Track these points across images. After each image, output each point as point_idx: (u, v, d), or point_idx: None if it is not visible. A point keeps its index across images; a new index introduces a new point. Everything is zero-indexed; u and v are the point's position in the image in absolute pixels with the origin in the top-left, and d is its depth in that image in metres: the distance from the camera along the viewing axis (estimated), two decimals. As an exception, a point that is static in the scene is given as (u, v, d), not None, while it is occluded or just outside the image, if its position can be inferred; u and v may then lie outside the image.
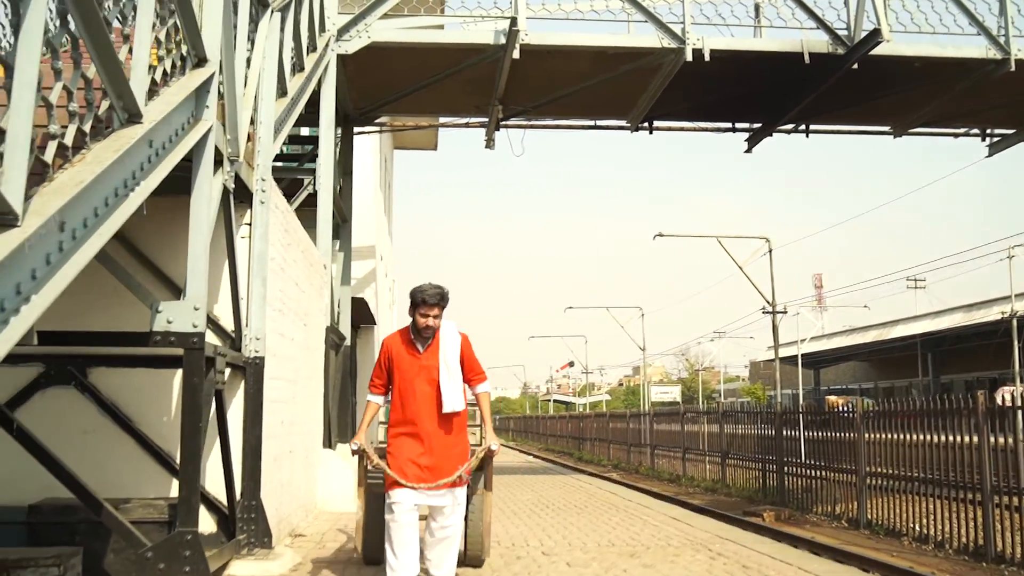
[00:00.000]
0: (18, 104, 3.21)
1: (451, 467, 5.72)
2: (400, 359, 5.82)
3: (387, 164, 25.21)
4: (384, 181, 24.46)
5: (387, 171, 25.39)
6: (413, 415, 5.74)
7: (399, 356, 5.84)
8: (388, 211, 26.78)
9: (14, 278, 3.24)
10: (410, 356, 5.82)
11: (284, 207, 8.91)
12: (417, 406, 5.73)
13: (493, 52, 13.21)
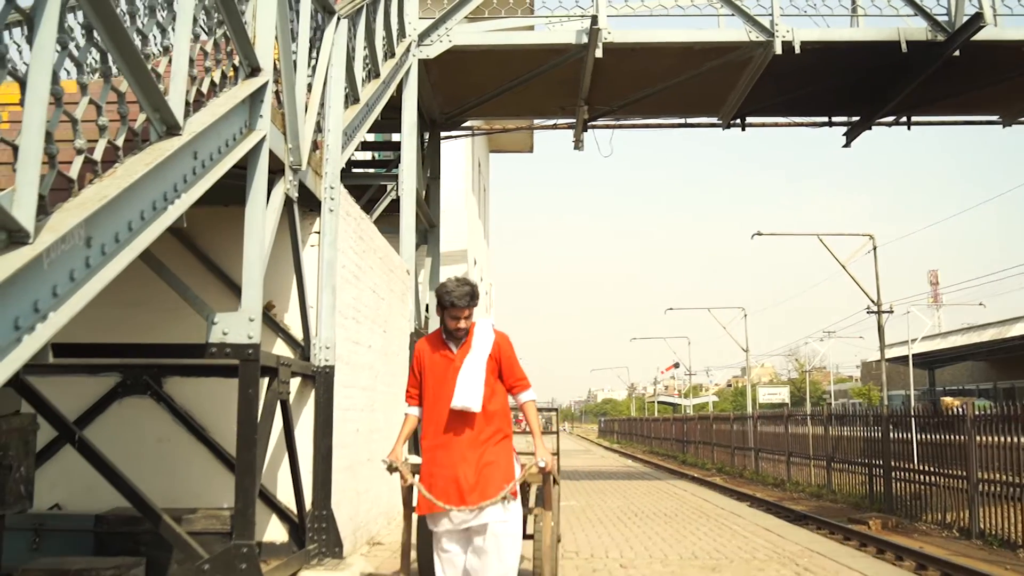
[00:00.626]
0: (30, 121, 3.18)
1: (494, 484, 4.96)
2: (433, 363, 5.19)
3: (481, 168, 25.22)
4: (478, 185, 24.47)
5: (481, 175, 25.40)
6: (447, 425, 5.05)
7: (431, 360, 5.20)
8: (483, 215, 26.80)
9: (31, 296, 3.22)
10: (443, 359, 5.17)
11: (357, 214, 8.89)
12: (451, 414, 5.04)
13: (575, 52, 13.00)
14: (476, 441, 5.02)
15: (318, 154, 7.77)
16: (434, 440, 5.07)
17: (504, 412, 5.19)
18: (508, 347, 5.25)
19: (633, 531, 10.29)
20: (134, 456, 7.56)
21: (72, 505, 7.33)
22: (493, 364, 5.13)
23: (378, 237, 10.11)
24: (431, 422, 5.11)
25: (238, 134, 5.48)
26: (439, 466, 5.01)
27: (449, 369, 5.09)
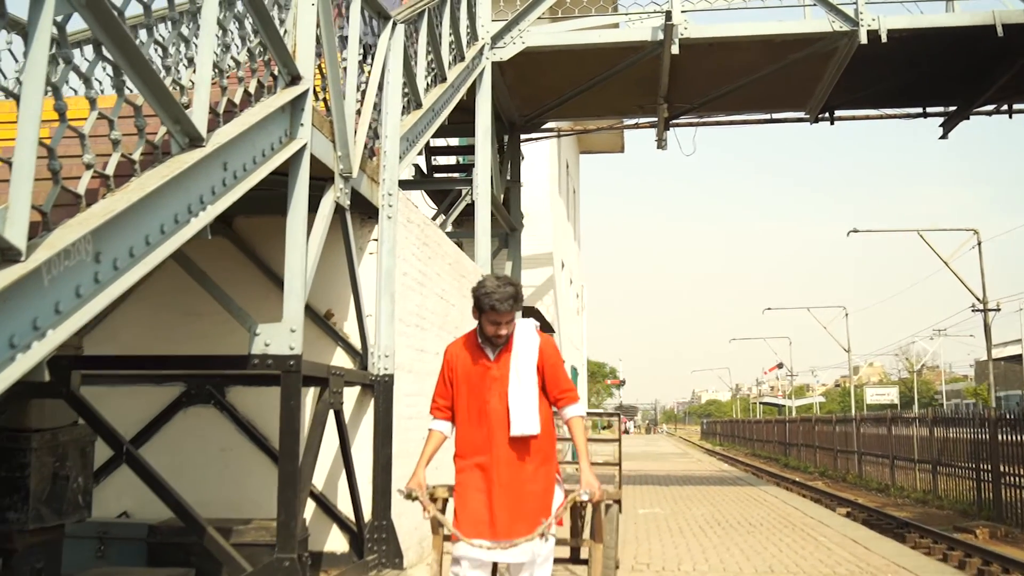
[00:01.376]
0: (23, 138, 3.16)
1: (531, 514, 4.26)
2: (466, 370, 4.44)
3: (569, 169, 25.02)
4: (566, 186, 24.28)
5: (570, 176, 25.20)
6: (484, 442, 4.33)
7: (465, 367, 4.45)
8: (573, 216, 26.60)
9: (29, 313, 3.19)
10: (478, 366, 4.42)
11: (420, 220, 8.82)
12: (489, 430, 4.32)
13: (651, 49, 12.72)
14: (514, 464, 4.32)
15: (375, 161, 7.72)
16: (468, 460, 4.38)
17: (548, 430, 4.42)
18: (553, 353, 4.51)
19: (712, 541, 9.98)
20: (198, 464, 7.66)
21: (139, 514, 7.43)
22: (539, 375, 4.41)
23: (446, 243, 10.03)
24: (465, 439, 4.42)
25: (277, 143, 5.44)
26: (472, 489, 4.33)
27: (486, 379, 4.38)
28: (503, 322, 4.33)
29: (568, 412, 4.50)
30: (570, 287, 24.36)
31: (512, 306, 4.32)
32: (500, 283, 4.33)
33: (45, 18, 3.21)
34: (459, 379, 4.47)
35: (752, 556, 8.91)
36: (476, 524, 4.25)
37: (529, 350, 4.41)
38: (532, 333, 4.50)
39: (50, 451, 5.94)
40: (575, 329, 25.90)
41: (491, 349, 4.43)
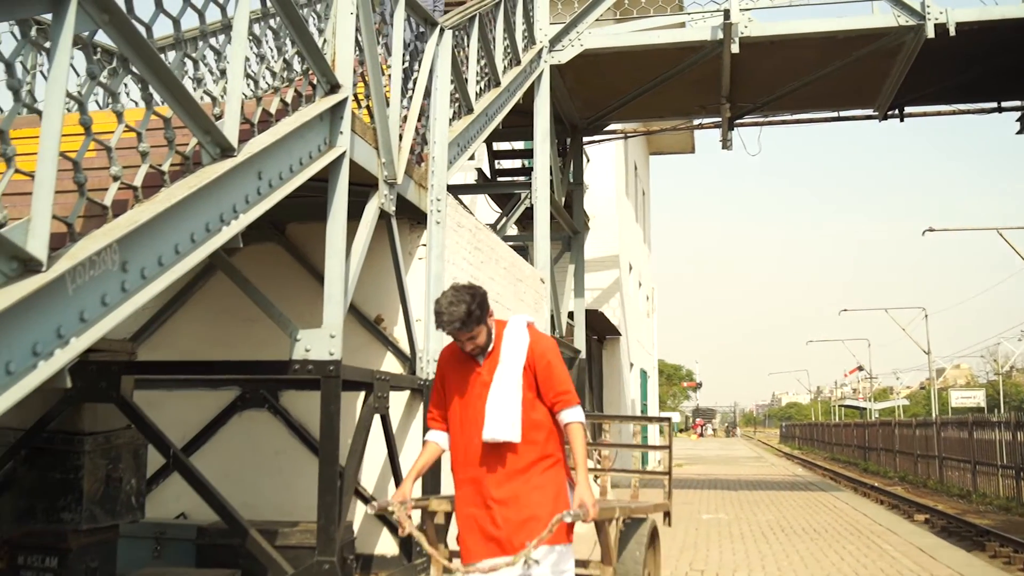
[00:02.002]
0: (44, 152, 3.26)
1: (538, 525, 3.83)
2: (456, 376, 4.14)
3: (638, 171, 24.88)
4: (634, 188, 24.15)
5: (639, 178, 25.05)
6: (476, 453, 4.00)
7: (455, 373, 4.15)
8: (643, 218, 26.43)
9: (52, 321, 3.29)
10: (468, 372, 4.11)
11: (472, 225, 8.86)
12: (480, 440, 3.99)
13: (711, 49, 12.58)
14: (515, 472, 3.95)
15: (423, 167, 7.77)
16: (464, 472, 4.08)
17: (551, 432, 4.05)
18: (546, 351, 4.07)
19: (772, 548, 9.82)
20: (252, 468, 7.80)
21: (196, 515, 7.59)
22: (529, 376, 4.01)
23: (500, 247, 10.05)
24: (459, 451, 4.11)
25: (315, 151, 5.51)
26: (470, 505, 4.04)
27: (477, 385, 4.05)
28: (464, 340, 4.02)
29: (564, 417, 4.04)
30: (639, 290, 24.20)
31: (462, 327, 3.93)
32: (453, 300, 3.94)
33: (65, 36, 3.31)
34: (450, 386, 4.18)
35: (811, 563, 8.74)
36: (479, 544, 3.96)
37: (518, 350, 4.04)
38: (522, 332, 4.13)
39: (103, 454, 6.11)
40: (645, 332, 25.72)
41: (480, 353, 4.10)
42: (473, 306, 3.92)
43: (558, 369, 4.08)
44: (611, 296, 19.50)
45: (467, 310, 3.89)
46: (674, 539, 10.53)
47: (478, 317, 3.94)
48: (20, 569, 5.94)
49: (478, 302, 3.96)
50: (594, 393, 18.65)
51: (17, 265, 3.14)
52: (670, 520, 6.44)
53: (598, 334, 19.11)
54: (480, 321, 3.96)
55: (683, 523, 12.14)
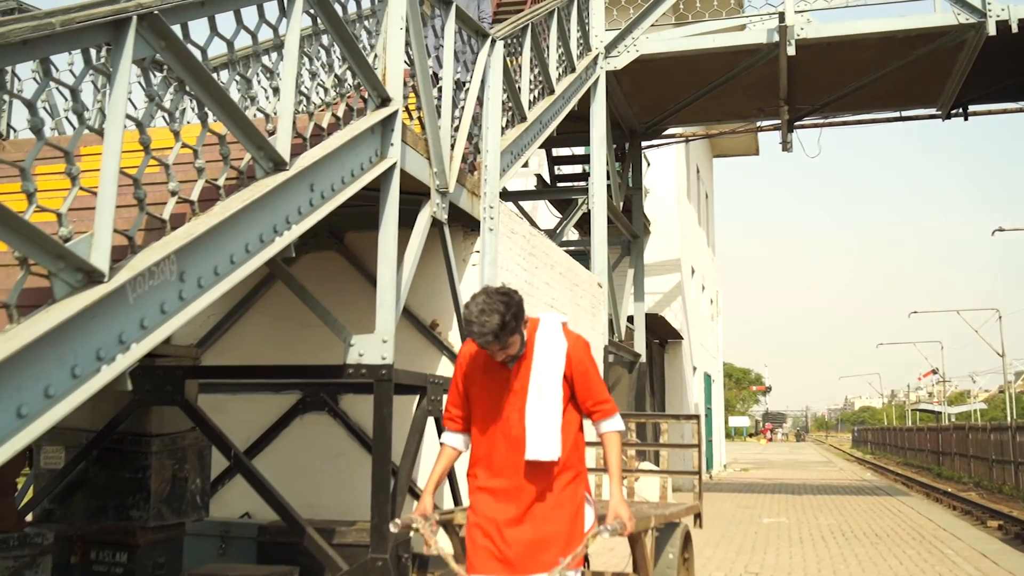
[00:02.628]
0: (105, 171, 3.49)
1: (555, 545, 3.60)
2: (484, 380, 3.78)
3: (700, 174, 24.80)
4: (697, 191, 24.09)
5: (701, 181, 24.98)
6: (501, 464, 3.69)
7: (483, 375, 3.79)
8: (706, 221, 26.33)
9: (115, 328, 3.53)
10: (495, 375, 3.76)
11: (525, 231, 9.01)
12: (507, 450, 3.67)
13: (767, 52, 12.57)
14: (538, 491, 3.67)
15: (476, 175, 7.95)
16: (483, 481, 3.75)
17: (576, 445, 3.78)
18: (584, 358, 3.77)
19: (830, 552, 9.78)
20: (313, 469, 8.05)
21: (260, 515, 7.85)
22: (565, 384, 3.71)
23: (556, 253, 10.19)
24: (480, 457, 3.77)
25: (367, 163, 5.71)
26: (483, 515, 3.71)
27: (504, 390, 3.72)
28: (497, 351, 3.63)
29: (604, 427, 3.79)
30: (702, 293, 24.11)
31: (495, 340, 3.54)
32: (485, 308, 3.54)
33: (125, 62, 3.55)
34: (475, 388, 3.82)
35: (868, 568, 8.71)
36: (486, 561, 3.64)
37: (553, 357, 3.70)
38: (557, 335, 3.76)
39: (169, 454, 6.40)
40: (709, 336, 25.61)
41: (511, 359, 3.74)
42: (508, 316, 3.52)
43: (595, 375, 3.80)
44: (672, 300, 19.49)
45: (501, 322, 3.50)
46: (732, 543, 10.56)
47: (512, 328, 3.55)
48: (92, 564, 6.25)
49: (513, 312, 3.55)
50: (655, 397, 18.67)
51: (82, 276, 3.37)
52: (701, 522, 6.31)
53: (660, 338, 19.11)
54: (515, 331, 3.57)
55: (743, 527, 12.14)
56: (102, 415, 6.38)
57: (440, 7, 7.12)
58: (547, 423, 3.66)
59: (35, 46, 3.19)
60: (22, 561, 5.36)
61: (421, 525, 3.68)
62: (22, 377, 3.08)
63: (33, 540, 5.44)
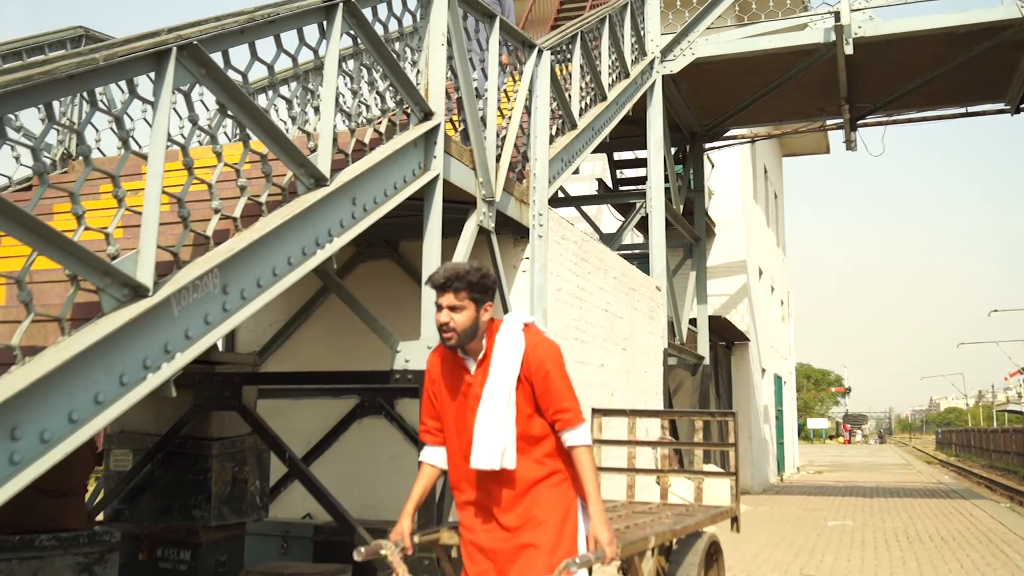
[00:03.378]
0: (149, 192, 3.75)
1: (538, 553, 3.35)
2: (447, 387, 3.57)
3: (768, 174, 24.61)
4: (765, 192, 23.91)
5: (769, 181, 24.78)
6: (473, 474, 3.48)
7: (446, 382, 3.58)
8: (775, 222, 26.10)
9: (160, 339, 3.78)
10: (458, 381, 3.54)
11: (577, 237, 9.15)
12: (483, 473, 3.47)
13: (824, 51, 12.50)
14: (517, 495, 3.42)
15: (525, 183, 8.12)
16: (463, 494, 3.55)
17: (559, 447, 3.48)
18: (544, 359, 3.42)
19: (892, 555, 9.72)
20: (371, 471, 8.31)
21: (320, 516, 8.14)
22: (526, 387, 3.43)
23: (610, 257, 10.30)
24: (455, 471, 3.56)
25: (410, 175, 5.92)
26: (470, 531, 3.55)
27: (469, 398, 3.49)
28: (444, 306, 3.39)
29: (568, 439, 3.43)
30: (772, 294, 23.91)
31: (448, 283, 3.37)
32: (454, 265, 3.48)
33: (166, 90, 3.81)
34: (441, 397, 3.60)
35: (927, 570, 8.64)
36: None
37: (508, 359, 3.42)
38: (515, 335, 3.46)
39: (229, 457, 6.70)
40: (780, 337, 25.37)
41: (471, 360, 3.51)
42: (473, 276, 3.39)
43: (557, 380, 3.43)
44: (739, 302, 19.40)
45: (464, 271, 3.40)
46: (791, 545, 10.54)
47: (470, 284, 3.38)
48: (159, 561, 6.58)
49: (479, 277, 3.41)
50: (721, 400, 18.60)
51: (128, 291, 3.62)
52: (738, 526, 5.93)
53: (726, 340, 19.04)
54: (470, 291, 3.38)
55: (806, 530, 12.08)
56: (166, 420, 6.72)
57: (484, 20, 7.30)
58: (494, 430, 3.37)
59: (81, 80, 3.46)
60: (91, 558, 5.68)
61: (389, 551, 3.46)
62: (73, 385, 3.34)
63: (101, 538, 5.76)
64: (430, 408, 3.65)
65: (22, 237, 3.22)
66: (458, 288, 3.38)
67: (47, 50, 7.14)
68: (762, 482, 19.99)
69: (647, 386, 11.45)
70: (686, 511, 5.65)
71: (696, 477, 6.42)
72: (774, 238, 25.58)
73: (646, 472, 6.67)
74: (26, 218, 3.19)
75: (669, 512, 5.59)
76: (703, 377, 15.08)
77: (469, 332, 3.42)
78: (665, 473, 6.51)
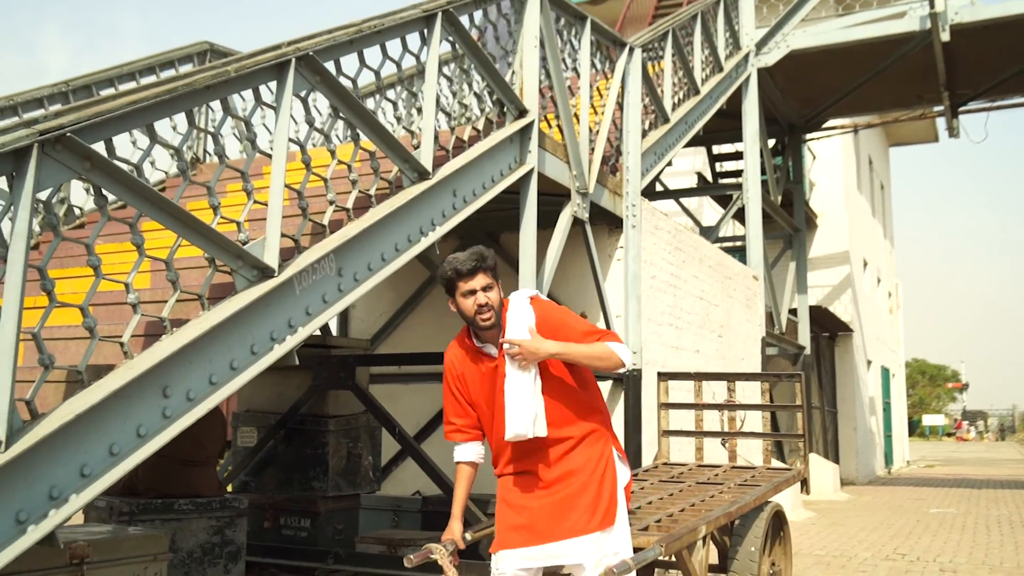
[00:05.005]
0: (274, 185, 4.28)
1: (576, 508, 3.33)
2: (475, 381, 3.51)
3: (873, 164, 24.30)
4: (870, 182, 23.63)
5: (874, 171, 24.46)
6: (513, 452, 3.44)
7: (472, 377, 3.52)
8: (882, 212, 25.74)
9: (284, 315, 4.31)
10: (484, 370, 3.47)
11: (671, 227, 9.46)
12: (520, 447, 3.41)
13: (920, 39, 12.46)
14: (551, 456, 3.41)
15: (618, 176, 8.49)
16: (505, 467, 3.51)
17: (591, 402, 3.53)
18: (553, 314, 3.47)
19: (991, 538, 9.74)
20: (475, 451, 8.79)
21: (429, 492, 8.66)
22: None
23: (705, 247, 10.57)
24: (499, 452, 3.52)
25: (506, 169, 6.37)
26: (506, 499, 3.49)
27: (499, 381, 3.41)
28: (477, 289, 3.35)
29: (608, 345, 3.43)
30: (878, 286, 23.63)
31: (479, 264, 3.36)
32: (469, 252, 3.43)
33: (287, 95, 4.33)
34: (470, 390, 3.54)
35: (1024, 552, 8.69)
36: (509, 534, 3.41)
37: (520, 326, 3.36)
38: (523, 306, 3.46)
39: (345, 434, 7.27)
40: (887, 330, 25.03)
41: (492, 346, 3.46)
42: (489, 256, 3.42)
43: (574, 321, 3.50)
44: (842, 292, 19.29)
45: (483, 251, 3.41)
46: (889, 528, 10.63)
47: (492, 264, 3.41)
48: (282, 528, 7.19)
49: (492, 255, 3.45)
50: (824, 390, 18.55)
51: (257, 272, 4.16)
52: (808, 487, 6.05)
53: (829, 331, 18.97)
54: (494, 270, 3.41)
55: (906, 516, 12.11)
56: (287, 399, 7.32)
57: (576, 22, 7.69)
58: (522, 399, 3.33)
59: (216, 90, 4.00)
60: (223, 521, 6.29)
61: (439, 555, 3.42)
62: (212, 352, 3.88)
63: (232, 504, 6.37)
64: (455, 406, 3.58)
65: (171, 225, 3.77)
66: (486, 268, 3.38)
67: (176, 64, 7.83)
68: (868, 474, 19.83)
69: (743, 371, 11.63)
70: (752, 477, 5.68)
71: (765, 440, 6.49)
72: (880, 229, 25.23)
73: (712, 435, 6.64)
74: (175, 209, 3.74)
75: (734, 479, 5.58)
76: (804, 367, 15.13)
77: (498, 310, 3.41)
78: (732, 436, 6.43)
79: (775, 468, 6.18)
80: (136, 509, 5.96)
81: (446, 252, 9.16)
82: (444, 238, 9.27)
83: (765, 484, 5.39)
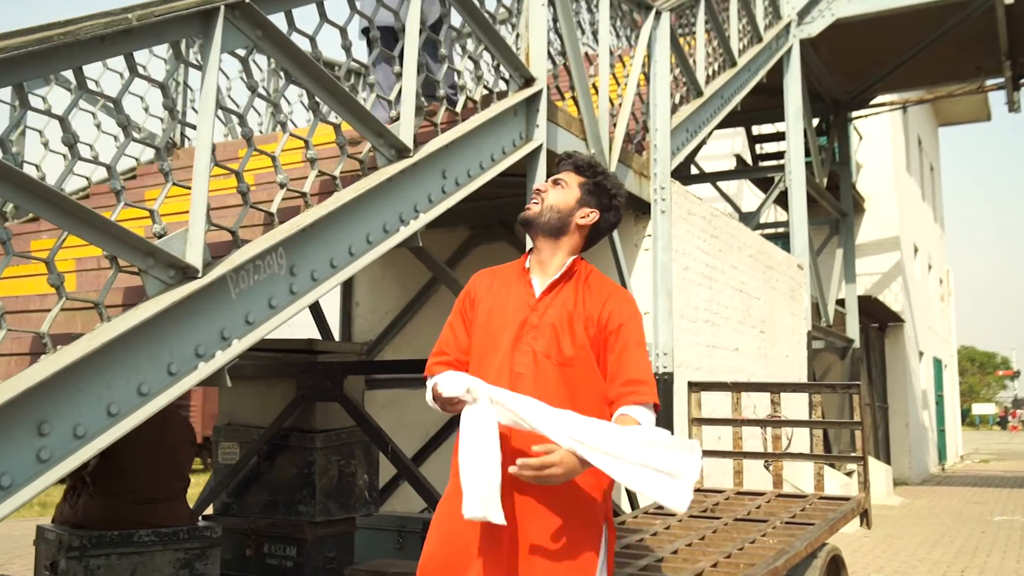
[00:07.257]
0: (197, 166, 3.43)
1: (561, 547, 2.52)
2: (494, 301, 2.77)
3: (923, 144, 23.09)
4: (919, 163, 22.43)
5: (923, 152, 23.25)
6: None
7: (492, 296, 2.79)
8: (932, 196, 24.51)
9: (216, 324, 3.47)
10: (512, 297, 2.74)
11: (706, 213, 8.53)
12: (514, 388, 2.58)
13: (980, 2, 11.40)
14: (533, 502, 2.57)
15: (645, 155, 7.59)
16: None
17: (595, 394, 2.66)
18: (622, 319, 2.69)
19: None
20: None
21: (438, 509, 7.85)
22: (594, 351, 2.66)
23: (745, 234, 9.63)
24: None
25: (510, 146, 5.49)
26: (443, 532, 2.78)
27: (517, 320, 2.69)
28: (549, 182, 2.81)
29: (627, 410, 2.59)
30: (929, 273, 22.45)
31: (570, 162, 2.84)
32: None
33: (214, 53, 3.48)
34: (478, 317, 2.80)
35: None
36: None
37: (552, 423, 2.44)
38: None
39: (335, 450, 6.43)
40: (939, 318, 23.83)
41: (539, 277, 2.76)
42: (597, 164, 2.85)
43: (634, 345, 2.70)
44: (892, 280, 18.18)
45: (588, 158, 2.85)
46: (952, 543, 9.63)
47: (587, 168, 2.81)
48: (265, 557, 6.38)
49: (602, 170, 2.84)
50: (874, 385, 17.47)
51: (175, 272, 3.32)
52: (869, 521, 5.06)
53: (879, 322, 17.88)
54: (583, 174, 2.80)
55: (969, 525, 11.09)
56: (270, 411, 6.50)
57: (593, -20, 6.80)
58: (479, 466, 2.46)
59: (113, 42, 3.15)
60: (192, 554, 5.49)
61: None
62: (111, 375, 3.06)
63: (202, 533, 5.56)
64: (451, 338, 2.88)
65: (48, 215, 2.94)
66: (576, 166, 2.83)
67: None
68: (921, 472, 18.73)
69: (789, 371, 10.69)
70: (802, 511, 4.74)
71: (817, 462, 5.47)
72: (931, 213, 24.02)
73: (753, 456, 5.81)
74: (50, 193, 2.91)
75: (781, 515, 4.64)
76: (853, 361, 14.15)
77: (554, 218, 2.73)
78: (778, 458, 5.50)
79: (829, 497, 5.22)
80: (88, 543, 5.17)
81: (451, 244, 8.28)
82: (452, 229, 8.54)
83: (819, 522, 4.44)
